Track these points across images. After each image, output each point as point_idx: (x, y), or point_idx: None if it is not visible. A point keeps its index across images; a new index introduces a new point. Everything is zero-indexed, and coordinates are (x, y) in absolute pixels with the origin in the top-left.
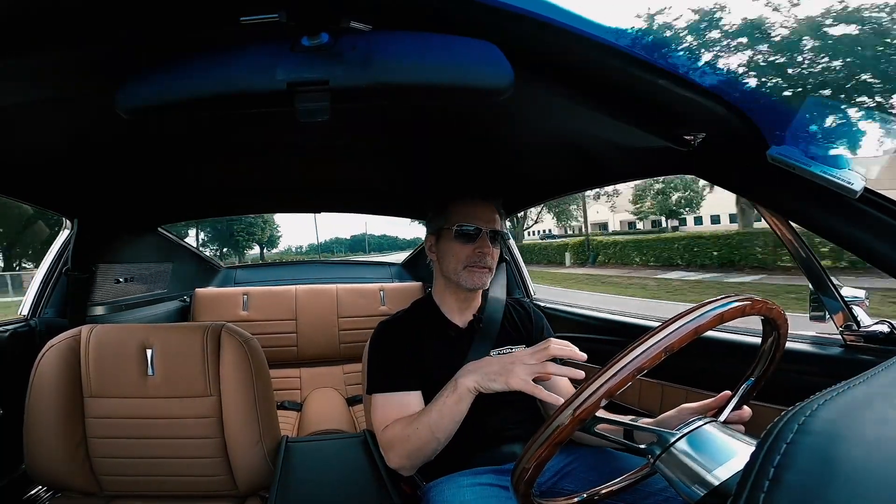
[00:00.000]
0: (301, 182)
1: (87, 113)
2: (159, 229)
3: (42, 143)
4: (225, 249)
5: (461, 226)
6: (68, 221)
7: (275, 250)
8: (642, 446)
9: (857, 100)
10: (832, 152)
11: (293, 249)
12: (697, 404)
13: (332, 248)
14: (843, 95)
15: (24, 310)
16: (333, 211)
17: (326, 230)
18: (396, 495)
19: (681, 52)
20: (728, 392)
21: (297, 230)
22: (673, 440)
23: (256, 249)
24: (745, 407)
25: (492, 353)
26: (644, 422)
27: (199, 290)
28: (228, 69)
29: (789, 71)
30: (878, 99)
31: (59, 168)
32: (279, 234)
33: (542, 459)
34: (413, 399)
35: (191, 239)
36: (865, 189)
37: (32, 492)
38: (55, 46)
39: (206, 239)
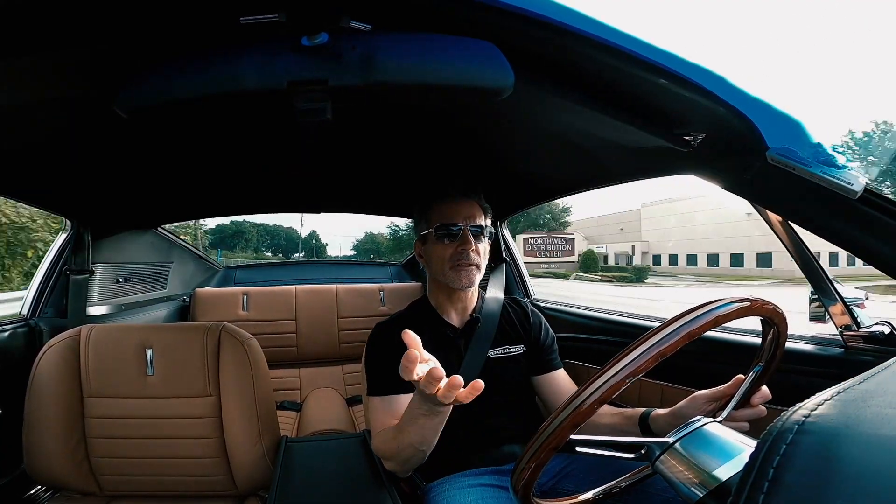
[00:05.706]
0: (300, 182)
1: (86, 113)
2: (158, 229)
3: (41, 144)
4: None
5: (441, 225)
6: (67, 221)
7: None
8: (642, 451)
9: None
10: (831, 153)
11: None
12: (711, 391)
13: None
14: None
15: (24, 309)
16: (333, 211)
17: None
18: (396, 495)
19: (681, 52)
20: (741, 376)
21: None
22: (672, 441)
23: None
24: (762, 407)
25: (490, 354)
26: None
27: (198, 290)
28: (228, 69)
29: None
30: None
31: (58, 169)
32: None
33: (541, 462)
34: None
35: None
36: (865, 189)
37: (32, 491)
38: (55, 47)
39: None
